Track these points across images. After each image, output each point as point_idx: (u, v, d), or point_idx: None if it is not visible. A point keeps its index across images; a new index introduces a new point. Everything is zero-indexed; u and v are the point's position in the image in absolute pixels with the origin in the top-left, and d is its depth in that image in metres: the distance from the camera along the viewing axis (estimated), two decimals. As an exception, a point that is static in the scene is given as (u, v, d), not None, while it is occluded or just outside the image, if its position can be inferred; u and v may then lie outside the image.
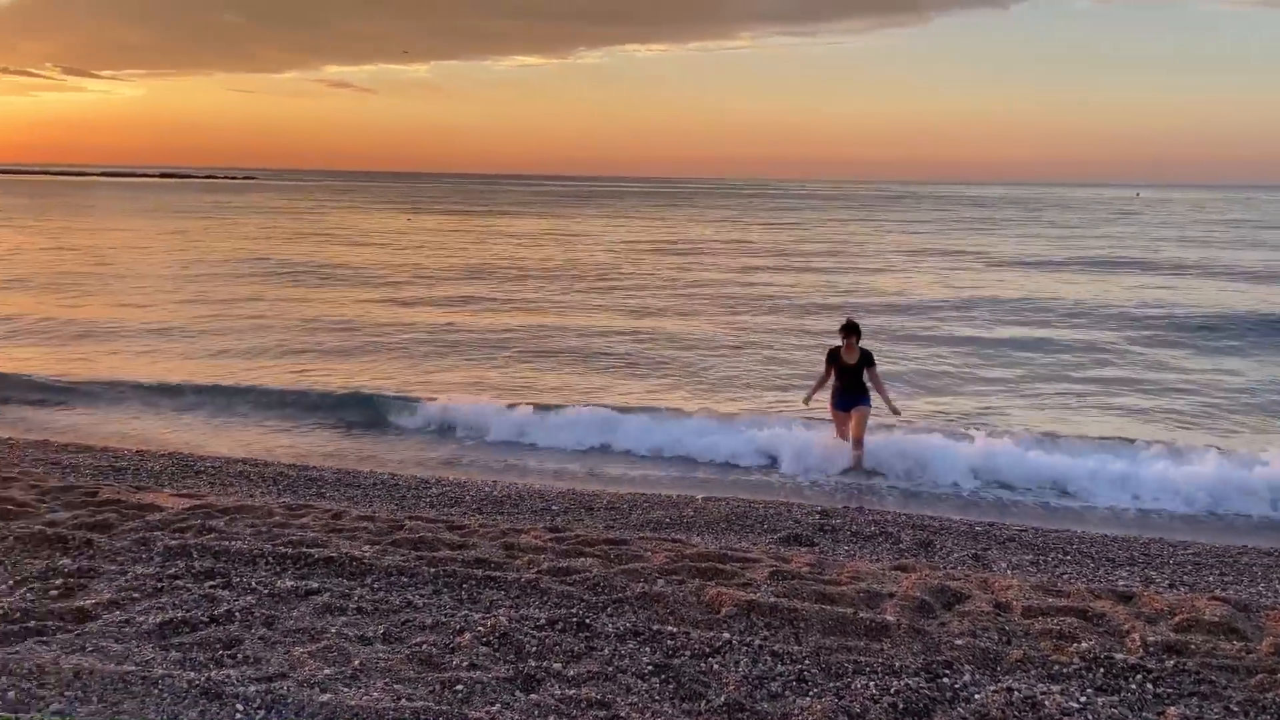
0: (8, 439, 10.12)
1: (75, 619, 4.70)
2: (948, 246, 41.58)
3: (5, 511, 6.45)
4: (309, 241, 39.02)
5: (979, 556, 7.08)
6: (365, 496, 8.32)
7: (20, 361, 15.07)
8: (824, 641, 4.63)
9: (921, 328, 19.41)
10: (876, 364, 10.03)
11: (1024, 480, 9.55)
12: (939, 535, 7.64)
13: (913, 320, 20.37)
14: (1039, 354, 17.03)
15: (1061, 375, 15.35)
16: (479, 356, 16.36)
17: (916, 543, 7.39)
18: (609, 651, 4.48)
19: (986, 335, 18.79)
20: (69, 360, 15.34)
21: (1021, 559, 7.08)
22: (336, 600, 5.00)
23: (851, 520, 7.98)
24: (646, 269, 30.87)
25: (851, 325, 10.00)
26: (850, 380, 9.91)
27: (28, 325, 18.56)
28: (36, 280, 25.40)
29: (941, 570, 6.29)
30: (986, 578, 5.96)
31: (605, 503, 8.37)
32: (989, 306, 22.42)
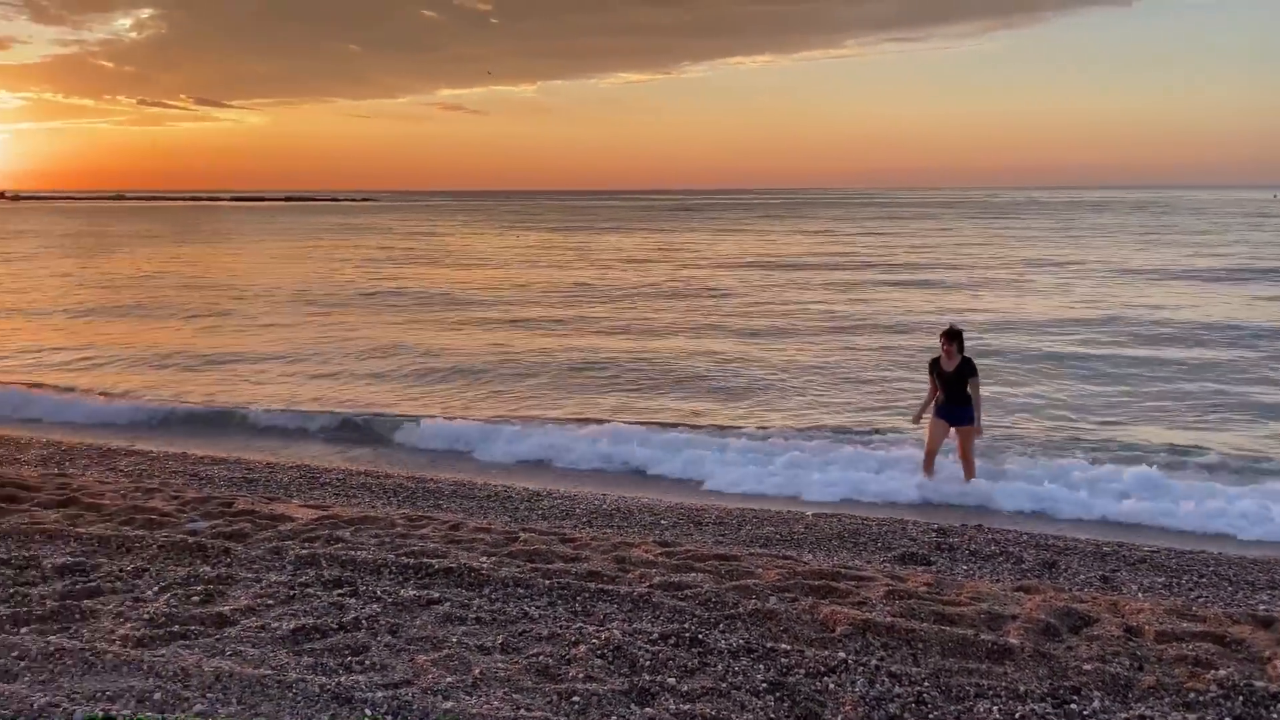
0: (149, 452, 10.73)
1: (215, 624, 4.96)
2: (1069, 256, 39.97)
3: (150, 521, 6.85)
4: (422, 264, 40.04)
5: (1108, 578, 6.80)
6: (480, 508, 8.52)
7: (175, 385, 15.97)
8: (944, 663, 4.53)
9: (1043, 346, 18.57)
10: (978, 374, 9.62)
11: (1151, 503, 9.13)
12: (1064, 555, 7.37)
13: (1033, 338, 19.57)
14: (1170, 370, 16.20)
15: (1200, 395, 14.55)
16: (583, 382, 16.38)
17: (1040, 563, 7.15)
18: (722, 668, 4.48)
19: (1115, 353, 17.86)
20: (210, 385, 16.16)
21: (1153, 581, 6.78)
22: (456, 610, 5.15)
23: (970, 539, 7.77)
24: (751, 285, 30.67)
25: (953, 331, 9.68)
26: (952, 390, 9.57)
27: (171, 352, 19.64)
28: (175, 306, 26.87)
29: (1067, 592, 6.08)
30: (1116, 600, 5.74)
31: (714, 517, 8.36)
32: (1117, 322, 21.35)
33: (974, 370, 9.56)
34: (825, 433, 12.05)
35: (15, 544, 6.25)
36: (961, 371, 9.50)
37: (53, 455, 10.22)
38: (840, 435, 11.91)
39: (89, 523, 6.75)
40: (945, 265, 36.93)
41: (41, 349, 18.88)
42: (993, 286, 29.02)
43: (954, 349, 9.56)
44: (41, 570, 5.70)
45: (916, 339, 19.30)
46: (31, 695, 4.05)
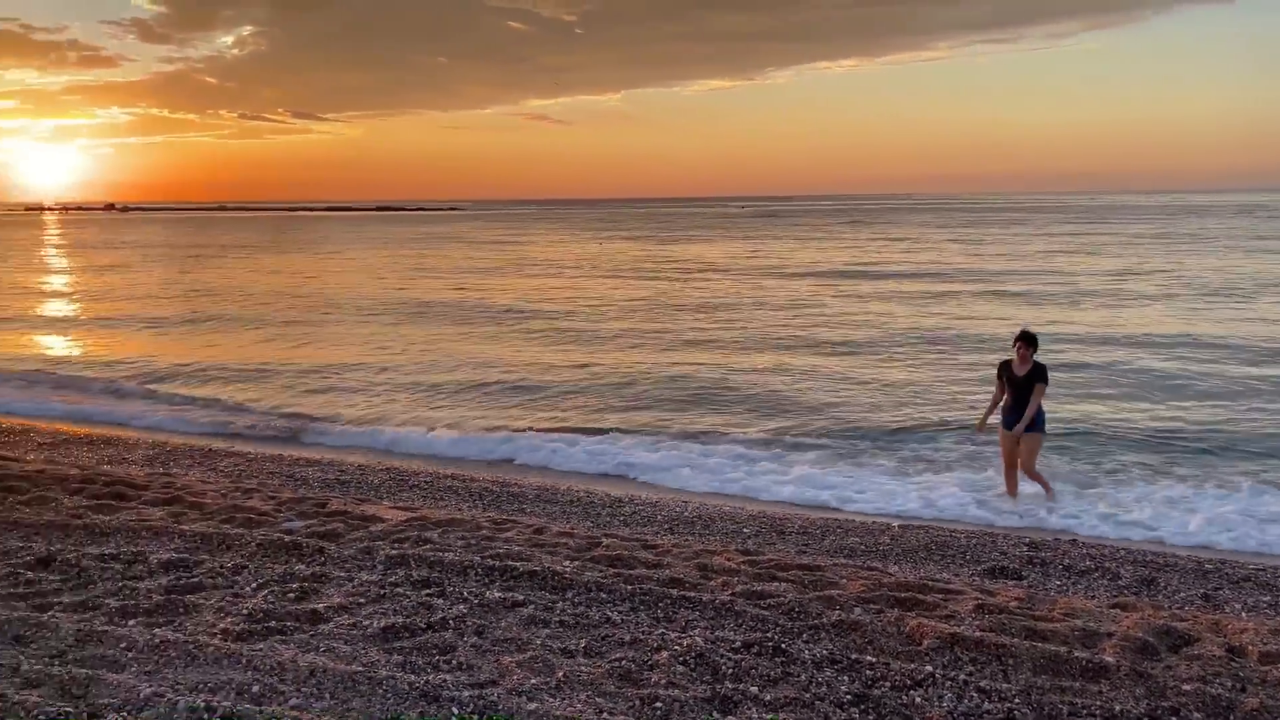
0: (247, 453, 11.13)
1: (310, 620, 5.12)
2: (1169, 264, 38.38)
3: (248, 520, 7.11)
4: (509, 275, 40.49)
5: (1209, 596, 6.54)
6: (563, 513, 8.60)
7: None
8: (1035, 680, 4.42)
9: (1141, 361, 17.77)
10: (1048, 382, 9.23)
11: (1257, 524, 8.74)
12: (1163, 572, 7.11)
13: (1131, 352, 18.77)
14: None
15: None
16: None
17: (1138, 579, 6.91)
18: (806, 678, 4.45)
19: (1217, 370, 16.93)
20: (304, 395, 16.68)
21: (1258, 600, 6.49)
22: (541, 613, 5.22)
23: (1064, 553, 7.55)
24: (834, 296, 30.27)
25: (1029, 335, 9.27)
26: (1020, 395, 9.21)
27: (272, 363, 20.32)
28: (273, 317, 27.79)
29: (1166, 610, 5.86)
30: (1218, 619, 5.51)
31: (797, 527, 8.30)
32: (1214, 338, 20.21)
33: (1045, 377, 9.18)
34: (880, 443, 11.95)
35: (124, 539, 6.55)
36: (1032, 377, 9.16)
37: (158, 455, 10.67)
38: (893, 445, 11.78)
39: (192, 520, 7.03)
40: (1040, 273, 35.69)
41: (154, 357, 19.69)
42: (1090, 297, 27.96)
43: (1029, 353, 9.19)
44: (148, 565, 5.96)
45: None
46: (138, 685, 4.24)
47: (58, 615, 5.08)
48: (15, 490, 7.92)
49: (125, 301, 30.55)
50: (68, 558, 6.05)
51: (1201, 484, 9.97)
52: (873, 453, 11.59)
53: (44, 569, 5.89)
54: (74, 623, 4.95)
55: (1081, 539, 8.17)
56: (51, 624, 4.93)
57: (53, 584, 5.63)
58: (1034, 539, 8.04)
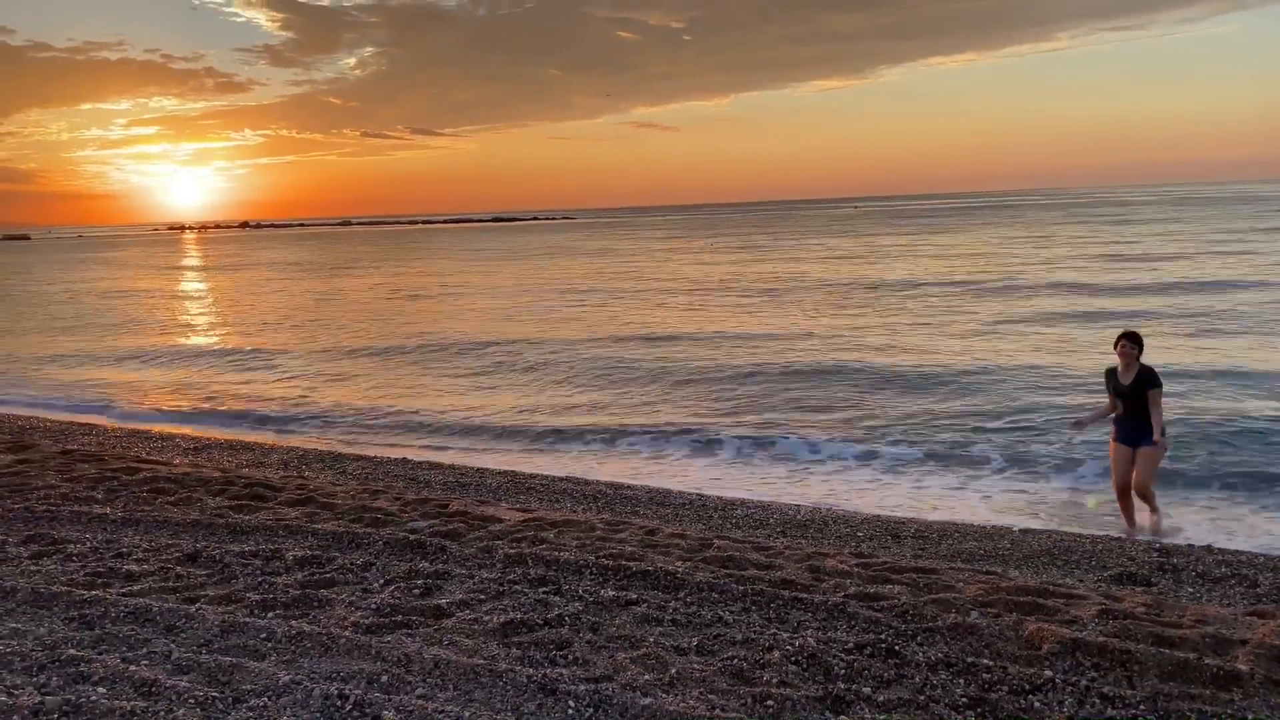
0: (374, 457, 11.61)
1: (433, 615, 5.34)
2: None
3: (376, 520, 7.44)
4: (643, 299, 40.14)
5: (1358, 606, 6.16)
6: (675, 516, 8.69)
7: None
8: (1162, 687, 4.27)
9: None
10: (1161, 386, 8.24)
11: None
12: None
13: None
14: None
15: None
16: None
17: (1277, 587, 6.56)
18: (920, 680, 4.41)
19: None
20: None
21: None
22: (653, 611, 5.31)
23: (1197, 559, 7.22)
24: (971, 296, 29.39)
25: (1132, 333, 8.39)
26: (1132, 405, 8.28)
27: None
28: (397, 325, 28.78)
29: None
30: (1367, 630, 5.19)
31: (913, 531, 8.17)
32: None
33: (1157, 381, 8.23)
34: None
35: (263, 537, 6.96)
36: (1141, 383, 8.22)
37: (291, 460, 11.23)
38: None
39: (324, 520, 7.40)
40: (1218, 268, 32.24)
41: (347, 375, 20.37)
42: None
43: (1134, 352, 8.25)
44: (284, 562, 6.32)
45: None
46: (277, 673, 4.52)
47: (204, 607, 5.44)
48: (164, 491, 8.49)
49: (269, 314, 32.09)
50: (212, 554, 6.46)
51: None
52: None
53: (191, 564, 6.31)
54: (218, 614, 5.29)
55: (1217, 547, 7.79)
56: (199, 615, 5.29)
57: (199, 578, 6.03)
58: (1166, 545, 7.72)
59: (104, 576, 6.06)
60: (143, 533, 7.16)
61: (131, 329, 29.38)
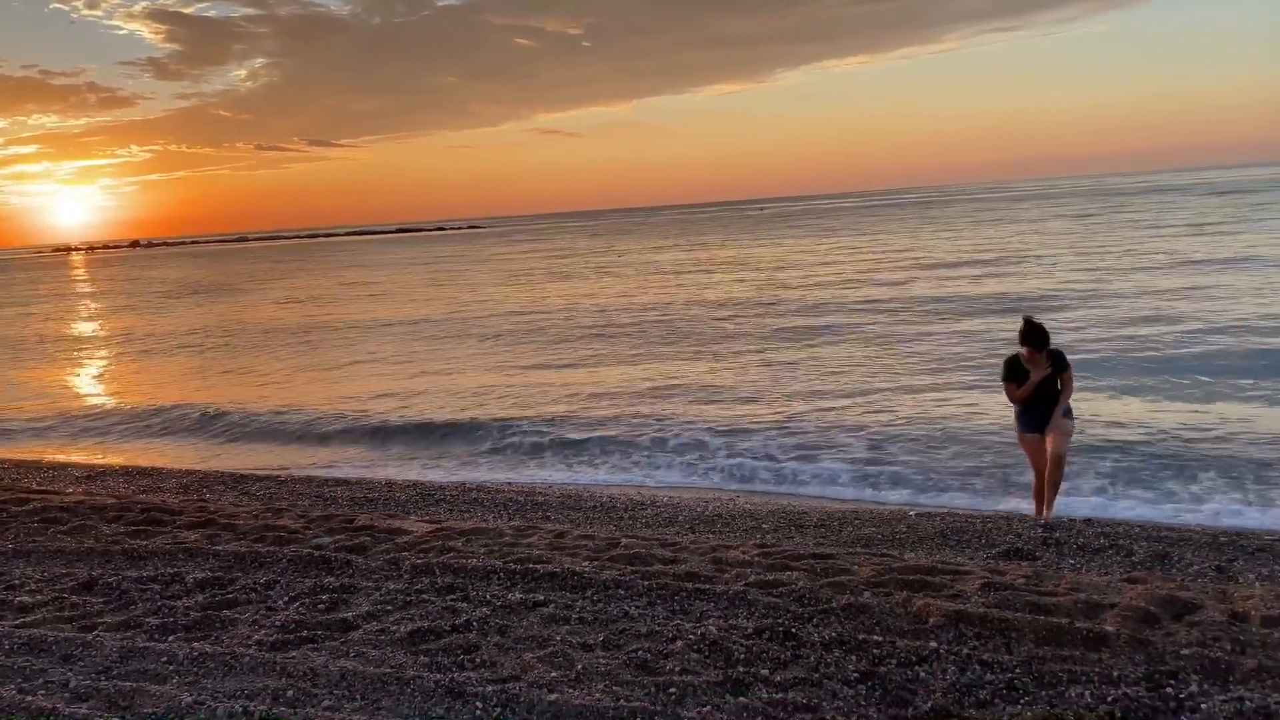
0: (278, 476, 11.41)
1: (340, 629, 5.34)
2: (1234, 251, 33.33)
3: (279, 538, 7.35)
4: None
5: (1223, 569, 6.61)
6: (586, 518, 8.80)
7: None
8: (1037, 651, 4.55)
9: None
10: (1070, 367, 7.86)
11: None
12: (1177, 546, 7.19)
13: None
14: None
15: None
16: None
17: (1151, 555, 6.99)
18: (815, 659, 4.61)
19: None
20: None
21: (1273, 570, 6.56)
22: (561, 611, 5.41)
23: (1078, 533, 7.64)
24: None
25: (1035, 331, 7.68)
26: (1041, 392, 7.85)
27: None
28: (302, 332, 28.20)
29: (1176, 582, 5.96)
30: (1225, 588, 5.61)
31: (816, 520, 8.44)
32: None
33: (1066, 363, 7.80)
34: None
35: (161, 562, 6.82)
36: (1055, 371, 7.79)
37: (191, 483, 10.97)
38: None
39: (225, 541, 7.29)
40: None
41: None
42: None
43: (1040, 356, 7.71)
44: (185, 585, 6.21)
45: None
46: (180, 695, 4.48)
47: (102, 635, 5.33)
48: (56, 521, 8.23)
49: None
50: (109, 581, 6.32)
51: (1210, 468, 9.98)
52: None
53: (87, 592, 6.16)
54: (117, 641, 5.20)
55: (1097, 520, 8.25)
56: (96, 643, 5.19)
57: (95, 606, 5.89)
58: (1050, 521, 8.13)
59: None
60: (35, 564, 6.95)
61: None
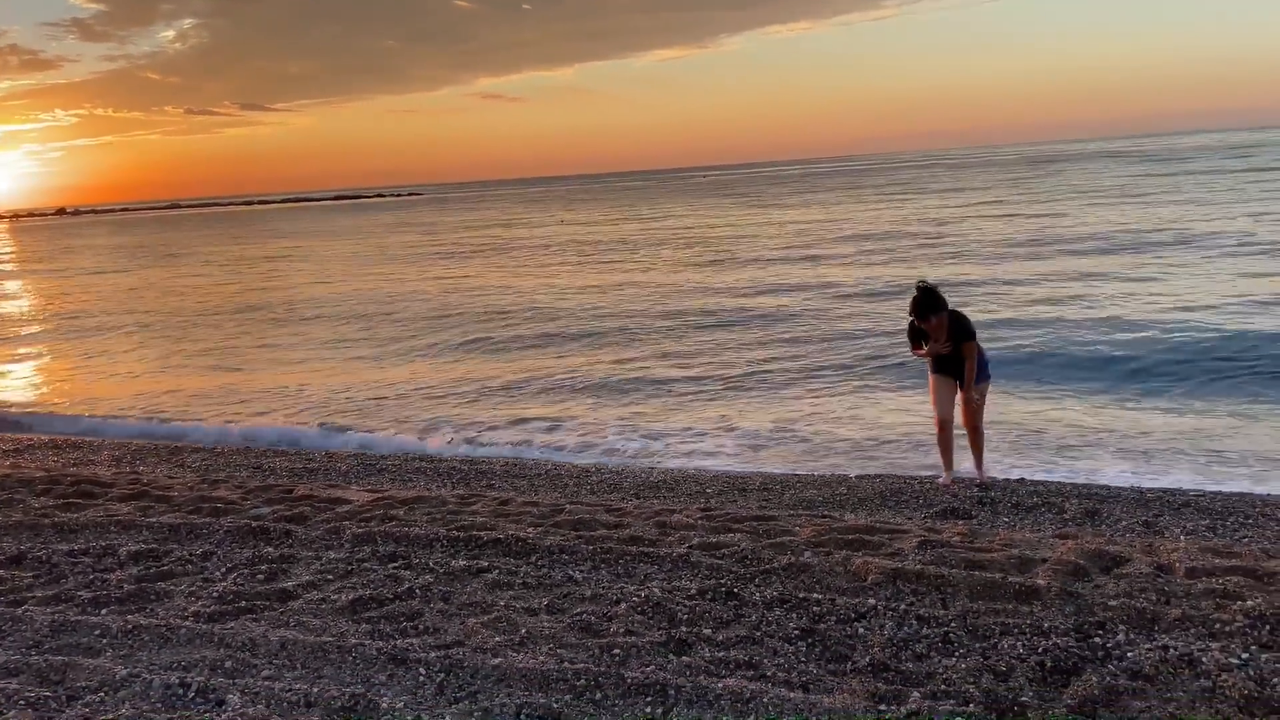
0: (214, 449, 11.20)
1: (279, 599, 5.28)
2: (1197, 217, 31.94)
3: (216, 509, 7.22)
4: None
5: (1150, 524, 6.83)
6: (531, 486, 8.78)
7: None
8: (971, 605, 4.67)
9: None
10: (975, 335, 7.44)
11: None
12: (1106, 503, 7.40)
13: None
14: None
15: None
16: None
17: (1082, 511, 7.19)
18: (756, 618, 4.67)
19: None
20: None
21: (1197, 524, 6.79)
22: (504, 577, 5.41)
23: (1012, 492, 7.83)
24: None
25: (928, 297, 7.19)
26: (948, 360, 7.59)
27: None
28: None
29: (1105, 537, 6.15)
30: (1151, 542, 5.80)
31: (758, 484, 8.53)
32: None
33: (970, 331, 7.41)
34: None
35: (93, 534, 6.66)
36: (957, 341, 7.44)
37: (124, 455, 10.71)
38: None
39: (160, 513, 7.14)
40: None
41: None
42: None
43: (942, 322, 7.31)
44: (118, 557, 6.08)
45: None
46: (114, 668, 4.39)
47: (31, 609, 5.20)
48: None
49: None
50: (38, 555, 6.16)
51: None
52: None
53: (15, 567, 6.00)
54: (48, 615, 5.08)
55: (1030, 480, 8.46)
56: (26, 617, 5.06)
57: (25, 580, 5.75)
58: (985, 480, 8.32)
59: (-84, 587, 5.69)
60: (-42, 540, 6.73)
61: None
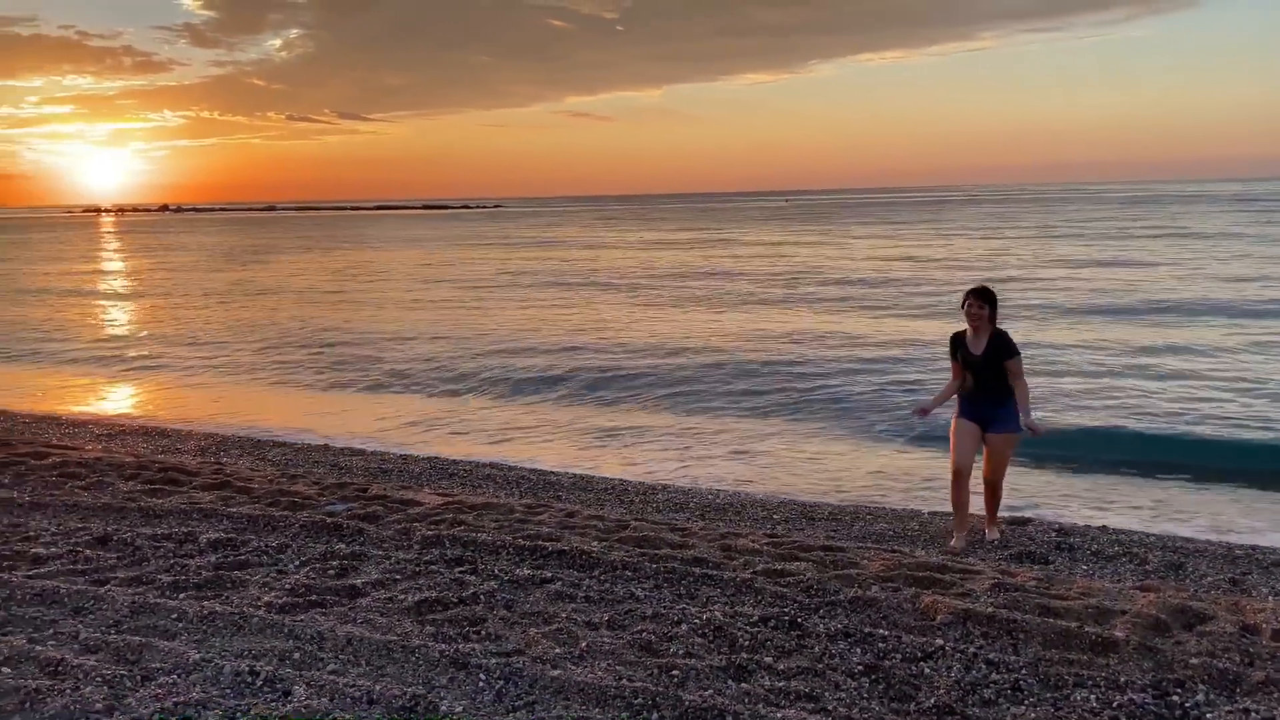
0: (294, 444, 11.49)
1: (348, 595, 5.38)
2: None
3: (293, 503, 7.41)
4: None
5: (1236, 581, 6.55)
6: (597, 500, 8.81)
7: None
8: (1044, 654, 4.53)
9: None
10: (1019, 355, 6.67)
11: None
12: (1191, 558, 7.13)
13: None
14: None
15: None
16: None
17: (1165, 564, 6.94)
18: (819, 650, 4.60)
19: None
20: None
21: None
22: (567, 589, 5.43)
23: (1093, 539, 7.59)
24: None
25: (984, 290, 6.71)
26: (984, 377, 6.69)
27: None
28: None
29: (1189, 592, 5.91)
30: (1238, 601, 5.55)
31: (827, 513, 8.42)
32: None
33: (1014, 349, 6.64)
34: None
35: (176, 521, 6.89)
36: (995, 351, 6.64)
37: (209, 445, 11.07)
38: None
39: (240, 504, 7.35)
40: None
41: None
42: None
43: (984, 314, 6.63)
44: (198, 544, 6.27)
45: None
46: (188, 651, 4.52)
47: (114, 589, 5.39)
48: (74, 476, 8.32)
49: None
50: (123, 537, 6.39)
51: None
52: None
53: (101, 547, 6.23)
54: (128, 596, 5.26)
55: (1113, 527, 8.19)
56: (108, 597, 5.25)
57: (109, 561, 5.96)
58: (1064, 525, 8.08)
59: (9, 560, 5.95)
60: (51, 517, 7.03)
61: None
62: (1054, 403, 13.05)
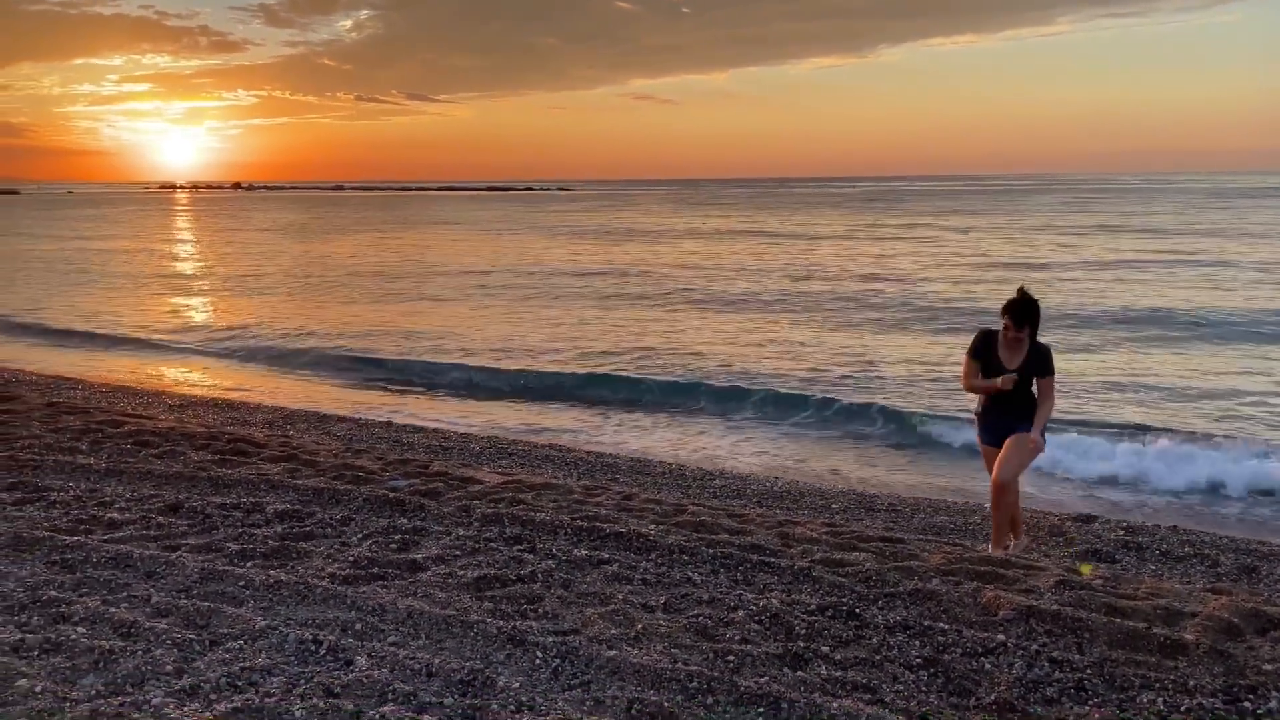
0: (359, 419, 11.70)
1: (409, 569, 5.46)
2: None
3: (357, 477, 7.54)
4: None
5: (1314, 587, 6.33)
6: (654, 483, 8.82)
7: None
8: (1110, 654, 4.42)
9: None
10: (1054, 373, 6.00)
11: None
12: (1266, 561, 6.89)
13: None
14: None
15: None
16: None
17: (1239, 567, 6.72)
18: (877, 641, 4.55)
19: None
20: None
21: (1367, 593, 6.25)
22: (624, 571, 5.44)
23: (1163, 539, 7.39)
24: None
25: (1024, 304, 5.81)
26: (1013, 394, 6.00)
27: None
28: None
29: (1263, 596, 5.72)
30: (1316, 607, 5.36)
31: (886, 504, 8.32)
32: None
33: (1048, 368, 5.96)
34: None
35: (244, 491, 7.06)
36: (1030, 368, 5.95)
37: (276, 419, 11.32)
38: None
39: (305, 476, 7.51)
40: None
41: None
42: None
43: (1024, 334, 5.86)
44: (265, 514, 6.42)
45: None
46: (254, 618, 4.64)
47: (184, 555, 5.55)
48: (148, 444, 8.58)
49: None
50: (194, 505, 6.57)
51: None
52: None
53: (173, 514, 6.42)
54: (198, 562, 5.40)
55: (1183, 527, 7.96)
56: (179, 562, 5.40)
57: (180, 528, 6.13)
58: (1133, 524, 7.88)
59: (86, 524, 6.16)
60: (126, 483, 7.25)
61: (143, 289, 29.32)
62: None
